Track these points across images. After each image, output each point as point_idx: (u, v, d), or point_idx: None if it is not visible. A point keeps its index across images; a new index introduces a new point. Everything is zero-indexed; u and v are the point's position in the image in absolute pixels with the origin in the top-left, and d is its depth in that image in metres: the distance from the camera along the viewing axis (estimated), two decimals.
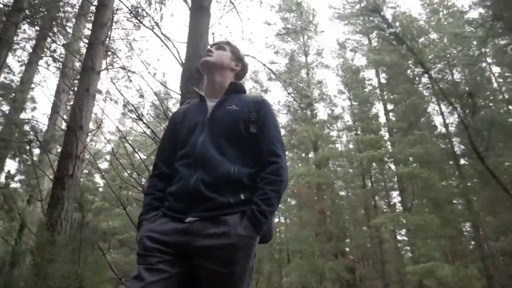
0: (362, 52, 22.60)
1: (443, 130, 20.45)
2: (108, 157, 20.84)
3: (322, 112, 24.52)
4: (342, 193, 25.58)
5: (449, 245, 17.87)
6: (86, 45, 7.98)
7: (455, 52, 20.29)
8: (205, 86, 2.04)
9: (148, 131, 4.26)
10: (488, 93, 19.45)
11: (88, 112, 6.82)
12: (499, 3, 13.17)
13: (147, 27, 4.17)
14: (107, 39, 8.11)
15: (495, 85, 20.43)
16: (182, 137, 1.85)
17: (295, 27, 21.58)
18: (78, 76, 7.82)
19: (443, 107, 19.63)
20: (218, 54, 2.05)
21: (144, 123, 4.58)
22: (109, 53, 9.09)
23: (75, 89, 8.12)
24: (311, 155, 24.00)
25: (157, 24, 4.23)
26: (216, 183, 1.64)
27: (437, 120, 24.19)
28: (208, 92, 1.99)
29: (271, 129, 1.86)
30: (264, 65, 7.99)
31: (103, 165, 22.78)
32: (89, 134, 7.12)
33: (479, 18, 16.12)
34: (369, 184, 23.69)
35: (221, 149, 1.73)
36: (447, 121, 20.13)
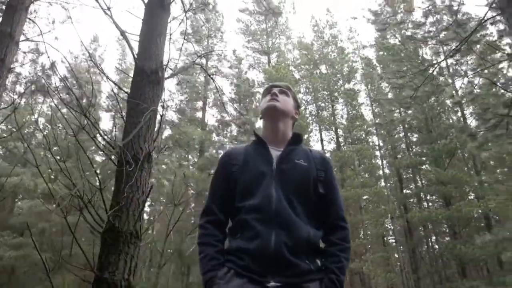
0: (260, 69, 23.79)
1: None
2: None
3: (212, 118, 25.01)
4: None
5: None
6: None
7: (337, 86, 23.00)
8: (266, 132, 1.94)
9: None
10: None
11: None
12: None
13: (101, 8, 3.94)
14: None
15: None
16: (245, 184, 1.74)
17: (200, 29, 21.76)
18: None
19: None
20: (284, 100, 1.95)
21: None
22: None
23: None
24: (195, 158, 24.16)
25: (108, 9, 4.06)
26: (297, 248, 1.58)
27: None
28: (269, 139, 1.88)
29: (338, 191, 1.86)
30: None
31: None
32: None
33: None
34: None
35: (293, 207, 1.66)
36: (325, 148, 22.43)
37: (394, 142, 22.94)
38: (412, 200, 22.79)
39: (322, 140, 22.83)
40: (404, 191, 22.16)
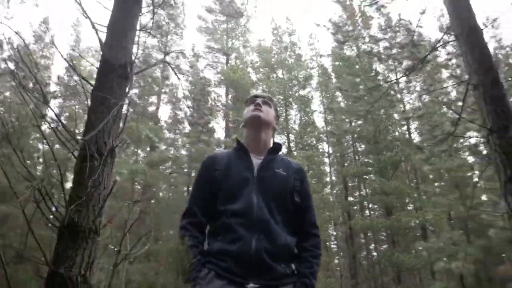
0: (217, 69, 23.60)
1: None
2: None
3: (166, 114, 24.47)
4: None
5: None
6: None
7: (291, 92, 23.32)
8: (248, 140, 2.01)
9: None
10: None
11: None
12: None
13: None
14: None
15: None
16: (228, 189, 1.80)
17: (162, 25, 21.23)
18: None
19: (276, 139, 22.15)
20: (266, 110, 2.03)
21: None
22: None
23: None
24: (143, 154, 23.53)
25: None
26: (276, 253, 1.66)
27: None
28: (251, 147, 1.96)
29: (311, 200, 1.97)
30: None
31: None
32: None
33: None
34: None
35: (272, 215, 1.74)
36: None
37: (343, 150, 23.63)
38: (355, 207, 23.56)
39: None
40: (349, 198, 22.88)
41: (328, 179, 23.38)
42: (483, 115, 4.82)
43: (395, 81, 10.33)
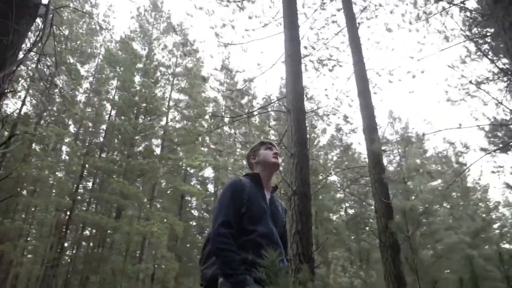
0: None
1: None
2: None
3: None
4: None
5: None
6: None
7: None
8: (263, 178, 2.48)
9: None
10: None
11: None
12: None
13: None
14: None
15: None
16: (254, 213, 2.24)
17: None
18: None
19: None
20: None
21: None
22: None
23: None
24: None
25: None
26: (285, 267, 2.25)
27: None
28: (263, 183, 2.46)
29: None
30: None
31: None
32: None
33: None
34: None
35: (278, 239, 2.29)
36: None
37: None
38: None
39: None
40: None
41: None
42: (291, 179, 5.96)
43: None
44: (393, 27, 10.85)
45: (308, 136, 6.86)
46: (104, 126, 23.40)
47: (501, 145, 12.57)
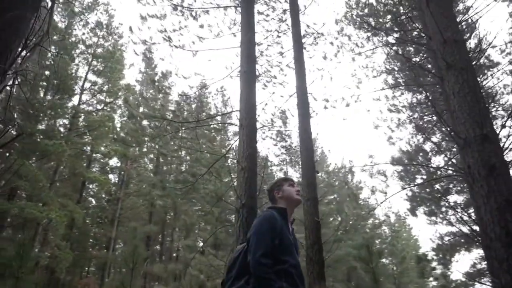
0: None
1: None
2: None
3: None
4: None
5: None
6: None
7: None
8: (288, 212, 2.82)
9: None
10: None
11: None
12: None
13: None
14: None
15: None
16: (285, 245, 2.54)
17: None
18: None
19: None
20: None
21: None
22: None
23: None
24: None
25: None
26: None
27: None
28: (288, 217, 2.80)
29: None
30: None
31: None
32: None
33: None
34: None
35: None
36: None
37: None
38: None
39: None
40: None
41: None
42: (240, 192, 6.51)
43: None
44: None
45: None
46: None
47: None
